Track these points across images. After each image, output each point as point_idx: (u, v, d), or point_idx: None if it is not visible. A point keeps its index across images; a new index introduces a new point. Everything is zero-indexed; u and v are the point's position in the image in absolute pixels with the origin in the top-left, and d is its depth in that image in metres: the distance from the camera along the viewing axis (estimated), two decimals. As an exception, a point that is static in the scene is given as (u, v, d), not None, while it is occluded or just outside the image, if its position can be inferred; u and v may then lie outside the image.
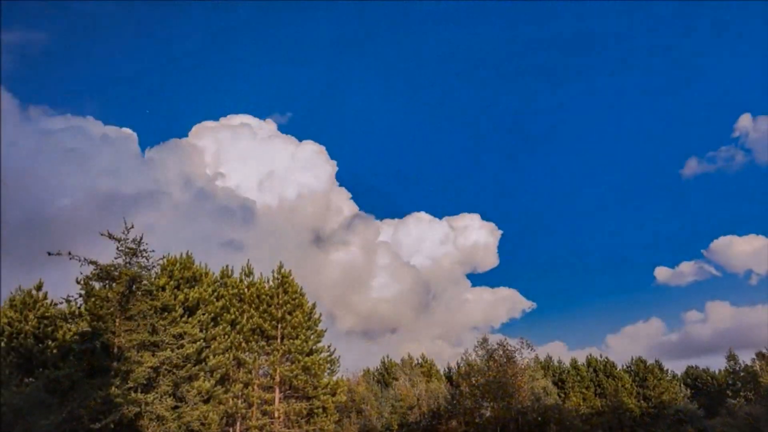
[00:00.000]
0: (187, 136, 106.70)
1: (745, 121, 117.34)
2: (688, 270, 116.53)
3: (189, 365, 26.39)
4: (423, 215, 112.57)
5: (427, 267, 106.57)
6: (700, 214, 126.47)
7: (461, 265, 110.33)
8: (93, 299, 22.98)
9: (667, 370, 63.50)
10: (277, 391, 31.84)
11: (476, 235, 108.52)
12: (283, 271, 34.52)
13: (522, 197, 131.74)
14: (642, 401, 58.94)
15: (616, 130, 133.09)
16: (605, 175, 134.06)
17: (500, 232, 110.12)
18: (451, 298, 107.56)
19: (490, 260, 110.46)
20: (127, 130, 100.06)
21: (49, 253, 21.44)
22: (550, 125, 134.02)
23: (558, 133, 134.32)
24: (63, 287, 24.08)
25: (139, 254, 23.72)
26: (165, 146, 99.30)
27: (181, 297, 27.06)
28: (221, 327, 29.39)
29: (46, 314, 23.88)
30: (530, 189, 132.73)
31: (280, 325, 32.92)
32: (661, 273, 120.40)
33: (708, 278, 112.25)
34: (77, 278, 22.94)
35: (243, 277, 34.21)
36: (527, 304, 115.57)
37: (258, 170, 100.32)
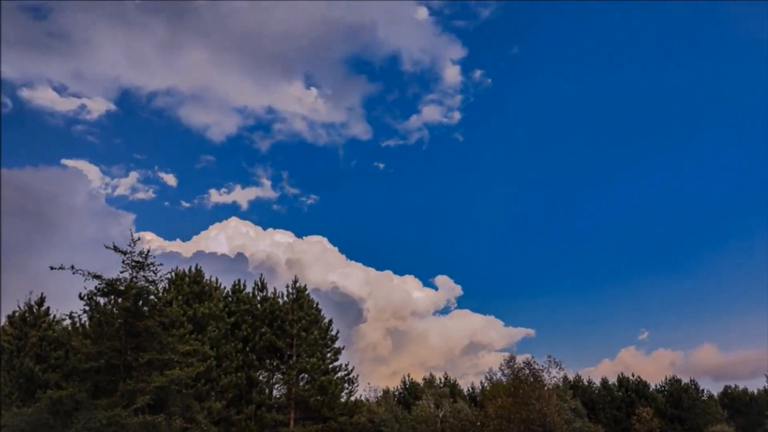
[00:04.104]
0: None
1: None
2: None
3: (199, 385, 25.35)
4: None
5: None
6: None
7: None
8: (98, 315, 21.99)
9: (703, 390, 60.51)
10: (292, 412, 30.45)
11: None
12: (298, 285, 33.35)
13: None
14: (676, 424, 56.12)
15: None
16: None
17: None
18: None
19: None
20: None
21: (52, 267, 20.58)
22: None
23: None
24: (66, 303, 23.18)
25: (146, 268, 22.71)
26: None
27: (190, 312, 26.06)
28: (233, 344, 28.36)
29: (49, 331, 22.96)
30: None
31: (295, 343, 31.62)
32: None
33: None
34: (81, 293, 21.99)
35: (256, 292, 33.14)
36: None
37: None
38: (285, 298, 33.11)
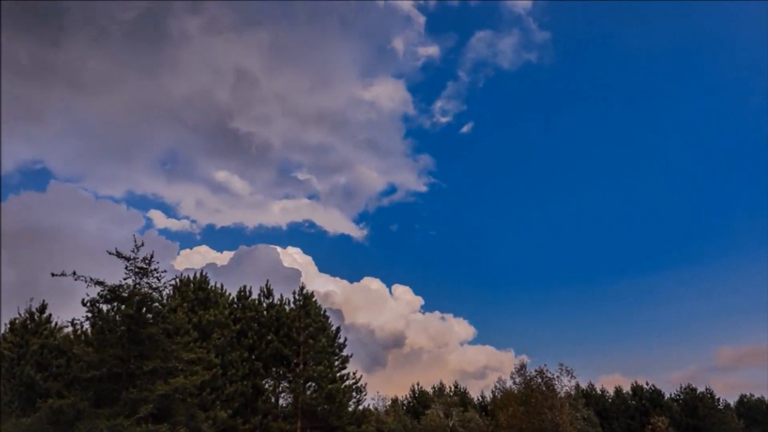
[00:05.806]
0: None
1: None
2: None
3: (204, 393, 24.82)
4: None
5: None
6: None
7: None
8: (100, 322, 21.54)
9: (719, 399, 59.23)
10: (299, 421, 29.82)
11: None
12: (305, 292, 32.77)
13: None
14: (692, 433, 54.95)
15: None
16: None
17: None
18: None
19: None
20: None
21: (53, 274, 20.17)
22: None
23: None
24: (67, 309, 22.77)
25: (150, 274, 22.27)
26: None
27: (195, 320, 25.57)
28: (238, 352, 27.82)
29: (50, 339, 22.54)
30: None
31: (302, 350, 31.03)
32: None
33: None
34: (83, 300, 21.56)
35: (262, 298, 32.61)
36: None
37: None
38: (292, 305, 32.52)
